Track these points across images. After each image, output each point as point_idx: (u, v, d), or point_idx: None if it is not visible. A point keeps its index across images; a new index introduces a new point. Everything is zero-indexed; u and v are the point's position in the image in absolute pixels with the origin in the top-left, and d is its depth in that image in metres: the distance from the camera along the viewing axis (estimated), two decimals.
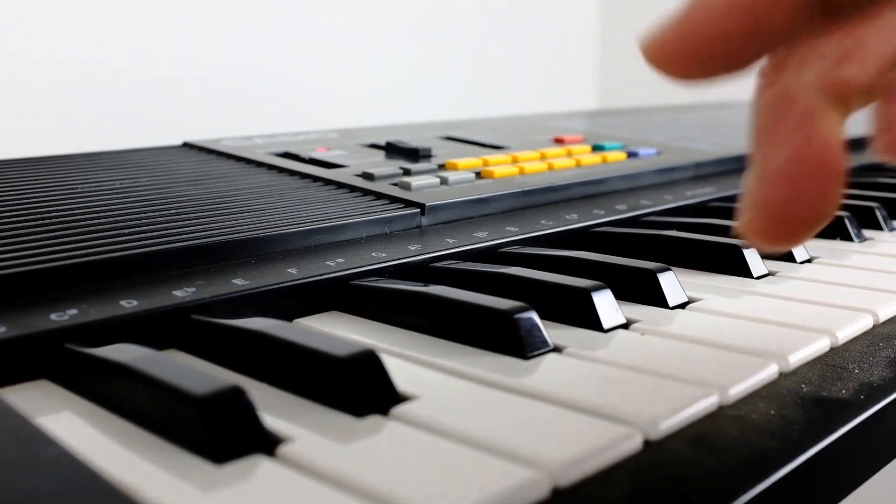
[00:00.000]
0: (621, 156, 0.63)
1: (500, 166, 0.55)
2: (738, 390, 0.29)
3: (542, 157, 0.59)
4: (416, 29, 1.24)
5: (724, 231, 0.48)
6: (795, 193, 0.24)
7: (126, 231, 0.39)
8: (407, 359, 0.32)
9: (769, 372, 0.31)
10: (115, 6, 0.92)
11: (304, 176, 0.51)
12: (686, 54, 0.25)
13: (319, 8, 1.11)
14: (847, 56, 0.24)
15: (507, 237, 0.45)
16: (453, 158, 0.56)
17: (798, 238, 0.25)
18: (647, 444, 0.26)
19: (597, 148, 0.64)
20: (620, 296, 0.37)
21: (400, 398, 0.28)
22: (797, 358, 0.32)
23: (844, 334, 0.35)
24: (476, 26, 1.33)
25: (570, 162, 0.59)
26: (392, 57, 1.20)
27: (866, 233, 0.53)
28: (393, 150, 0.60)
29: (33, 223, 0.39)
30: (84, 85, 0.90)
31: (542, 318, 0.33)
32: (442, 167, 0.55)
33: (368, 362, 0.28)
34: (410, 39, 1.23)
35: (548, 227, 0.47)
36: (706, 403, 0.28)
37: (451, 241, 0.43)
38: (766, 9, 0.23)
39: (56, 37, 0.88)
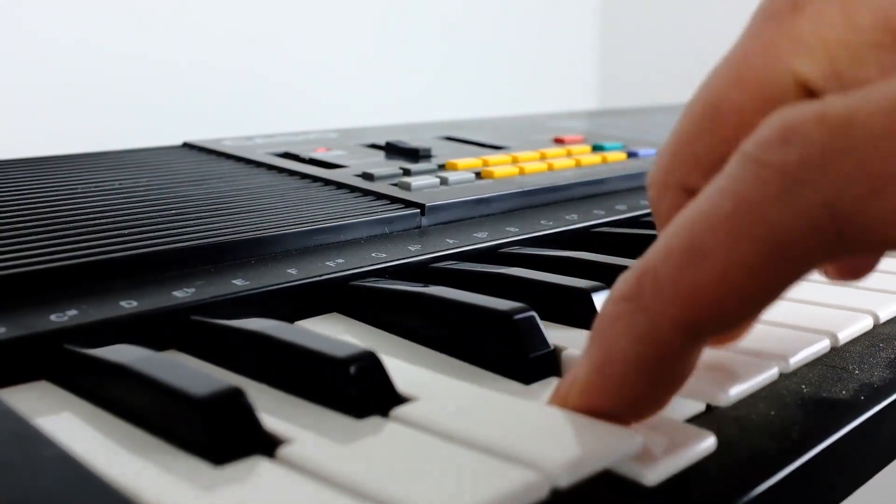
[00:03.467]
0: (621, 156, 0.63)
1: (500, 166, 0.55)
2: (738, 391, 0.29)
3: (542, 157, 0.59)
4: (416, 29, 1.24)
5: None
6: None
7: (126, 231, 0.39)
8: (407, 359, 0.32)
9: (769, 373, 0.31)
10: (115, 6, 0.92)
11: (304, 176, 0.51)
12: (604, 415, 0.25)
13: (319, 8, 1.11)
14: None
15: (507, 237, 0.45)
16: (453, 158, 0.55)
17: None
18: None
19: (597, 148, 0.64)
20: None
21: (400, 399, 0.28)
22: (797, 359, 0.32)
23: (845, 335, 0.35)
24: (476, 26, 1.33)
25: (570, 162, 0.59)
26: (392, 57, 1.20)
27: None
28: (393, 150, 0.60)
29: (33, 223, 0.39)
30: (84, 85, 0.90)
31: (542, 318, 0.33)
32: (442, 167, 0.55)
33: (369, 363, 0.28)
34: (410, 40, 1.23)
35: (548, 227, 0.47)
36: (705, 404, 0.28)
37: (451, 241, 0.43)
38: (667, 357, 0.24)
39: (56, 37, 0.88)
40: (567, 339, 0.33)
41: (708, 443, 0.25)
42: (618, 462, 0.24)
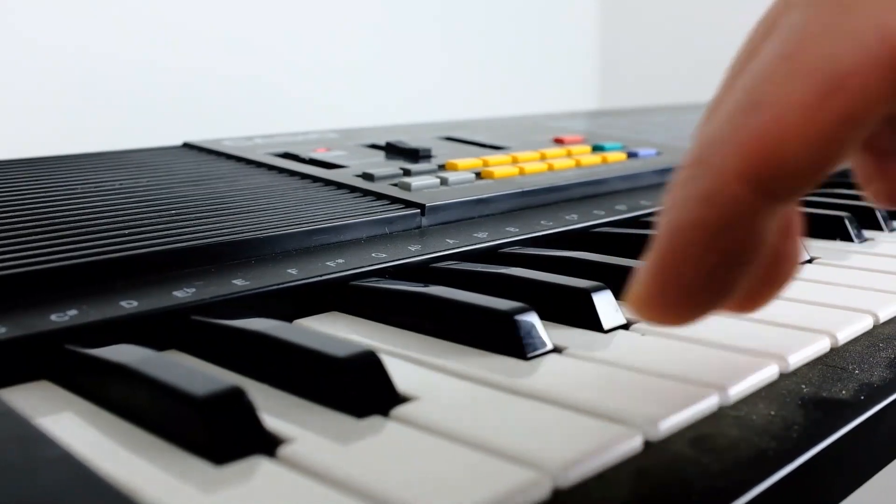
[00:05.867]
0: (621, 156, 0.63)
1: (500, 167, 0.55)
2: (738, 391, 0.29)
3: (542, 158, 0.59)
4: (416, 29, 1.24)
5: None
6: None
7: (126, 231, 0.39)
8: (407, 359, 0.32)
9: (769, 372, 0.31)
10: (115, 7, 0.92)
11: (304, 176, 0.51)
12: (673, 296, 0.24)
13: (319, 9, 1.11)
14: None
15: (508, 238, 0.45)
16: (453, 159, 0.56)
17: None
18: (648, 444, 0.26)
19: (597, 148, 0.64)
20: (621, 296, 0.37)
21: (400, 399, 0.28)
22: (797, 358, 0.32)
23: (845, 335, 0.35)
24: (476, 27, 1.33)
25: (570, 162, 0.59)
26: (392, 57, 1.20)
27: (866, 233, 0.53)
28: (393, 150, 0.60)
29: (33, 224, 0.39)
30: (84, 86, 0.90)
31: (542, 318, 0.33)
32: (442, 167, 0.55)
33: (369, 363, 0.28)
34: (410, 40, 1.23)
35: (548, 227, 0.47)
36: (706, 404, 0.28)
37: (451, 241, 0.43)
38: (731, 217, 0.23)
39: (57, 39, 0.88)
40: (567, 339, 0.34)
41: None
42: (619, 461, 0.24)
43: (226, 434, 0.24)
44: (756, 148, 0.22)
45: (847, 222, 0.52)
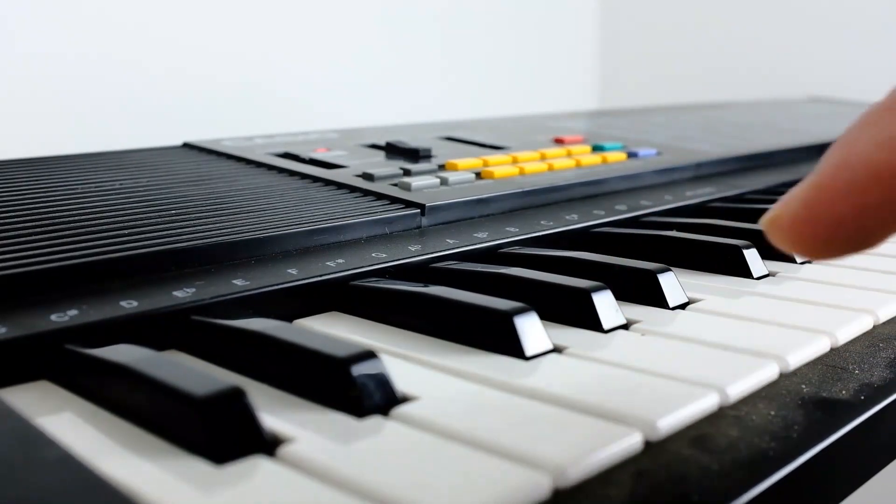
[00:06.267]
0: (621, 156, 0.63)
1: (500, 166, 0.55)
2: (738, 390, 0.29)
3: (542, 158, 0.59)
4: (416, 29, 1.24)
5: (725, 231, 0.48)
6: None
7: (126, 232, 0.39)
8: (407, 359, 0.32)
9: (769, 372, 0.31)
10: (115, 7, 0.92)
11: (304, 176, 0.51)
12: (820, 227, 0.23)
13: (319, 9, 1.11)
14: None
15: (508, 238, 0.45)
16: (453, 159, 0.55)
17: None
18: (648, 444, 0.26)
19: (597, 148, 0.64)
20: (621, 296, 0.37)
21: (400, 399, 0.28)
22: (797, 358, 0.32)
23: (844, 335, 0.35)
24: (476, 27, 1.33)
25: (570, 162, 0.59)
26: (392, 58, 1.20)
27: None
28: (393, 150, 0.60)
29: (33, 224, 0.39)
30: (84, 85, 0.90)
31: (542, 318, 0.33)
32: (442, 167, 0.55)
33: (368, 363, 0.28)
34: (410, 40, 1.23)
35: (548, 227, 0.47)
36: (706, 404, 0.28)
37: (451, 241, 0.43)
38: None
39: (57, 38, 0.88)
40: (567, 339, 0.34)
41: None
42: (619, 461, 0.24)
43: (225, 434, 0.24)
44: None
45: None
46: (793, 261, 0.46)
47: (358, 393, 0.27)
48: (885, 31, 1.31)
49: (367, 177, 0.51)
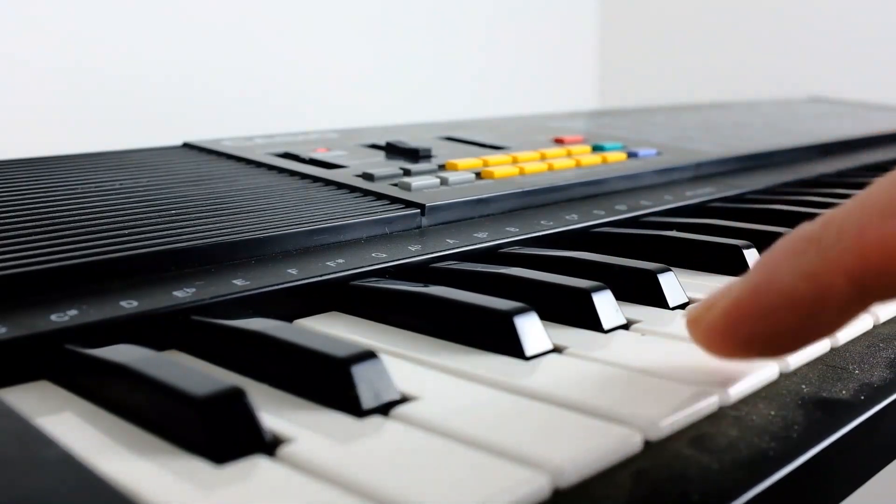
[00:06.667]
0: (621, 156, 0.63)
1: (500, 167, 0.55)
2: (738, 391, 0.29)
3: (542, 158, 0.59)
4: (416, 30, 1.24)
5: (725, 232, 0.48)
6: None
7: (126, 231, 0.39)
8: (407, 359, 0.32)
9: (769, 372, 0.31)
10: (115, 8, 0.92)
11: (304, 176, 0.51)
12: (734, 340, 0.25)
13: (320, 9, 1.11)
14: None
15: (508, 238, 0.45)
16: (453, 159, 0.55)
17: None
18: (648, 444, 0.26)
19: (597, 148, 0.64)
20: (621, 296, 0.37)
21: (400, 399, 0.28)
22: (797, 358, 0.32)
23: (844, 335, 0.35)
24: (476, 27, 1.33)
25: (570, 162, 0.59)
26: (392, 57, 1.20)
27: None
28: (393, 150, 0.60)
29: (33, 223, 0.39)
30: (84, 85, 0.90)
31: (542, 318, 0.33)
32: (442, 167, 0.55)
33: (368, 363, 0.28)
34: (410, 40, 1.23)
35: (548, 227, 0.47)
36: (706, 404, 0.28)
37: (451, 241, 0.43)
38: (824, 303, 0.24)
39: (57, 39, 0.88)
40: (567, 339, 0.34)
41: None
42: (619, 461, 0.24)
43: (225, 434, 0.24)
44: (874, 253, 0.23)
45: None
46: None
47: (358, 393, 0.27)
48: (885, 31, 1.31)
49: (367, 177, 0.51)
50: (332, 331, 0.35)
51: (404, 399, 0.28)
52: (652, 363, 0.31)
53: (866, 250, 0.23)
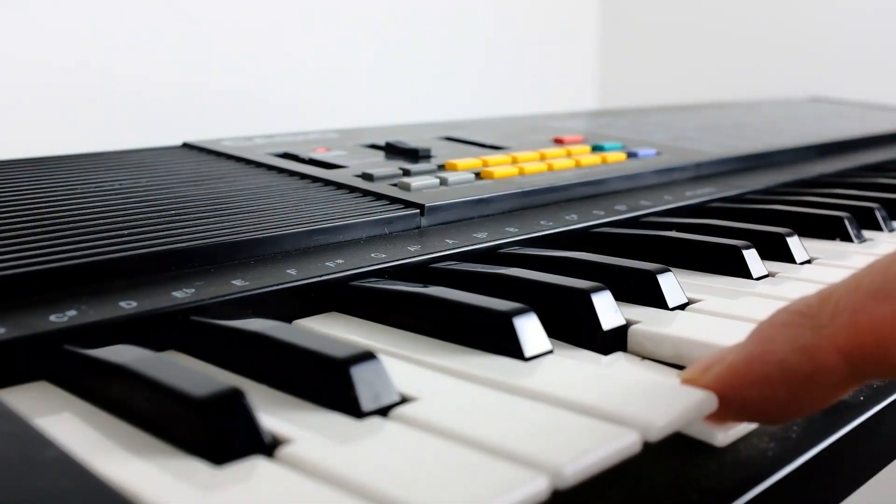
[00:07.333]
0: (621, 156, 0.63)
1: (500, 167, 0.55)
2: None
3: (542, 158, 0.59)
4: (416, 30, 1.24)
5: (725, 232, 0.48)
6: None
7: (125, 232, 0.39)
8: (407, 360, 0.32)
9: None
10: (115, 8, 0.92)
11: (303, 176, 0.51)
12: (726, 405, 0.26)
13: (320, 9, 1.11)
14: None
15: (507, 238, 0.45)
16: (453, 159, 0.55)
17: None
18: (647, 444, 0.26)
19: (596, 148, 0.64)
20: (620, 297, 0.37)
21: (400, 399, 0.28)
22: None
23: None
24: (476, 27, 1.33)
25: (570, 162, 0.59)
26: (392, 57, 1.20)
27: (866, 233, 0.53)
28: (392, 150, 0.60)
29: (33, 223, 0.39)
30: (84, 85, 0.90)
31: (541, 319, 0.33)
32: (441, 168, 0.55)
33: (367, 363, 0.28)
34: (410, 40, 1.23)
35: (547, 227, 0.47)
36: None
37: (450, 241, 0.43)
38: (817, 377, 0.24)
39: (57, 39, 0.88)
40: None
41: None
42: (618, 461, 0.24)
43: (225, 434, 0.24)
44: (868, 334, 0.23)
45: (847, 222, 0.52)
46: (793, 261, 0.46)
47: (357, 393, 0.27)
48: (886, 31, 1.31)
49: (367, 177, 0.51)
50: (332, 331, 0.35)
51: (404, 399, 0.28)
52: (652, 363, 0.31)
53: (859, 331, 0.24)
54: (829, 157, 0.77)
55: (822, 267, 0.46)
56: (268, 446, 0.25)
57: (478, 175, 0.54)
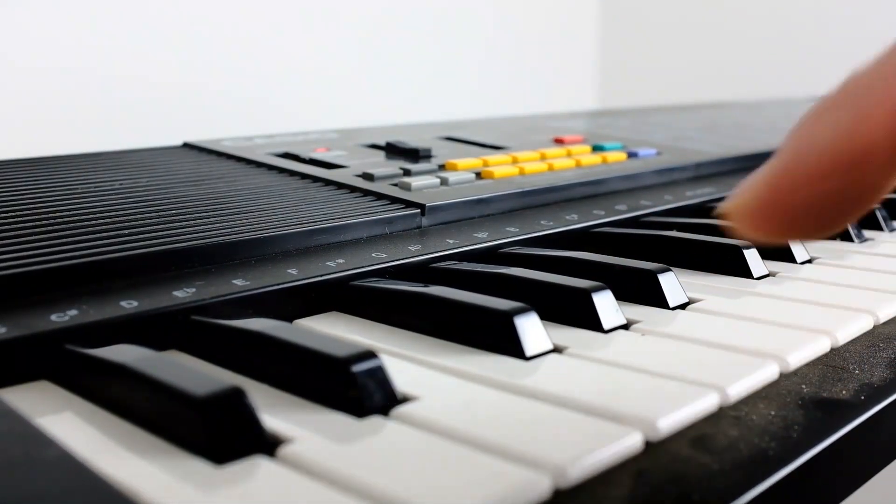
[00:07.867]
0: (621, 156, 0.63)
1: (500, 167, 0.55)
2: (738, 391, 0.29)
3: (542, 158, 0.59)
4: (416, 30, 1.24)
5: (725, 232, 0.48)
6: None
7: (126, 232, 0.39)
8: (407, 359, 0.32)
9: (769, 372, 0.31)
10: (115, 8, 0.92)
11: (304, 176, 0.51)
12: (781, 220, 0.24)
13: (320, 9, 1.11)
14: None
15: (508, 238, 0.45)
16: (453, 159, 0.55)
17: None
18: (648, 444, 0.26)
19: (597, 148, 0.64)
20: (621, 296, 0.37)
21: (400, 399, 0.28)
22: (797, 358, 0.32)
23: (845, 335, 0.35)
24: (476, 27, 1.33)
25: (570, 162, 0.59)
26: (392, 57, 1.20)
27: (866, 233, 0.53)
28: (393, 150, 0.60)
29: (33, 224, 0.39)
30: (84, 85, 0.90)
31: (542, 318, 0.33)
32: (442, 167, 0.55)
33: (369, 362, 0.28)
34: (410, 40, 1.23)
35: (548, 227, 0.47)
36: (706, 404, 0.28)
37: (451, 241, 0.43)
38: (868, 164, 0.22)
39: (57, 39, 0.88)
40: (567, 339, 0.34)
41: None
42: (619, 461, 0.24)
43: (225, 434, 0.24)
44: None
45: None
46: (793, 260, 0.46)
47: (358, 393, 0.27)
48: (886, 31, 1.31)
49: (367, 177, 0.51)
50: (333, 331, 0.35)
51: (404, 399, 0.28)
52: (652, 363, 0.31)
53: None
54: None
55: (823, 266, 0.46)
56: (268, 445, 0.25)
57: (478, 175, 0.54)
